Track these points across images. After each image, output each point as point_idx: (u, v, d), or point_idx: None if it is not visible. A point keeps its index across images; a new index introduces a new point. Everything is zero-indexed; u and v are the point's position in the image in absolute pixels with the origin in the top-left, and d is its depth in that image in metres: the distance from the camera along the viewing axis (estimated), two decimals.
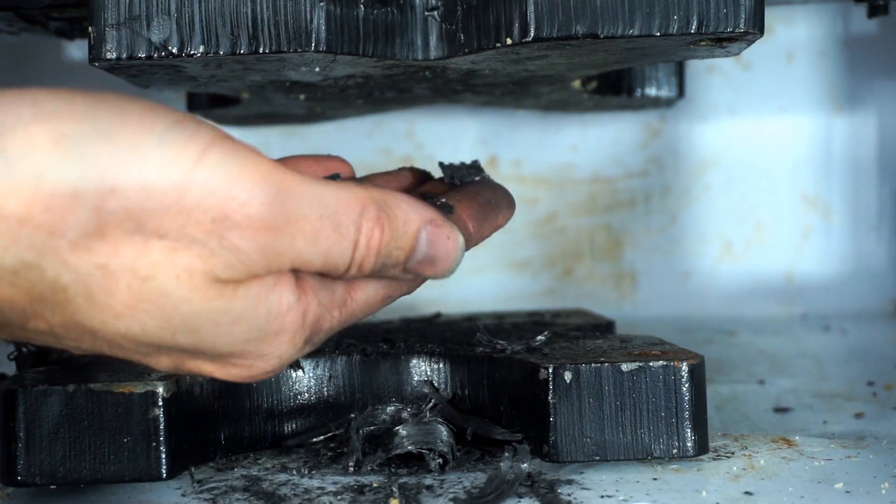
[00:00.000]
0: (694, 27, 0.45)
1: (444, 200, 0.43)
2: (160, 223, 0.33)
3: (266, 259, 0.35)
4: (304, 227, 0.35)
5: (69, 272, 0.33)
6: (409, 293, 0.41)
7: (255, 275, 0.35)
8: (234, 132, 0.39)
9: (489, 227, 0.45)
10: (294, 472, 0.48)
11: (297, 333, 0.37)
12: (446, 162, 0.50)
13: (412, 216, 0.38)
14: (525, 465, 0.45)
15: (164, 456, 0.45)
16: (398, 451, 0.47)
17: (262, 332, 0.36)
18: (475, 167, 0.50)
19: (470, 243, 0.43)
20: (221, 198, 0.33)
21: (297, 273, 0.37)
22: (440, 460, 0.47)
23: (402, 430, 0.48)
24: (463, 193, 0.45)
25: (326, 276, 0.37)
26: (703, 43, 0.47)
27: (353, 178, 0.47)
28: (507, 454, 0.46)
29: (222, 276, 0.34)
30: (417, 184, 0.50)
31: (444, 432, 0.48)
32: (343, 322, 0.39)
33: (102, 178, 0.32)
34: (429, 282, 0.41)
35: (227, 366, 0.37)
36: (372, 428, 0.50)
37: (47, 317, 0.34)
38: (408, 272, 0.39)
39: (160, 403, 0.45)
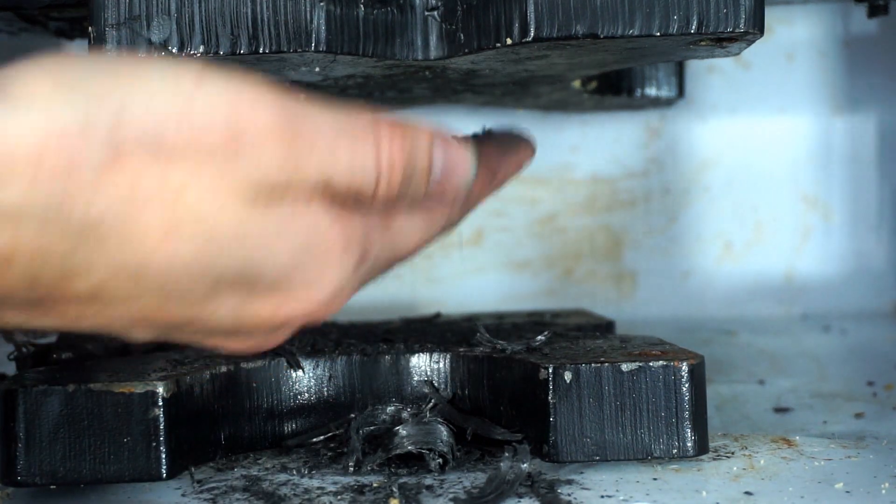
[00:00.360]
0: (694, 27, 0.45)
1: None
2: (175, 144, 0.33)
3: (287, 172, 0.34)
4: (320, 140, 0.35)
5: (96, 206, 0.32)
6: (444, 229, 0.41)
7: (281, 190, 0.34)
8: None
9: (512, 164, 0.45)
10: (294, 472, 0.48)
11: (345, 254, 0.36)
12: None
13: (420, 131, 0.38)
14: (525, 465, 0.45)
15: (164, 456, 0.45)
16: (398, 451, 0.47)
17: (307, 252, 0.35)
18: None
19: (495, 181, 0.43)
20: (228, 112, 0.33)
21: (330, 194, 0.36)
22: (440, 460, 0.47)
23: (402, 430, 0.48)
24: (478, 138, 0.45)
25: (360, 200, 0.37)
26: (703, 43, 0.47)
27: None
28: (507, 454, 0.46)
29: (249, 192, 0.34)
30: None
31: (444, 432, 0.48)
32: (388, 249, 0.39)
33: (109, 110, 0.32)
34: (429, 282, 0.41)
35: (287, 299, 0.36)
36: (372, 428, 0.50)
37: (85, 268, 0.32)
38: (431, 195, 0.38)
39: (160, 403, 0.45)
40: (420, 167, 0.37)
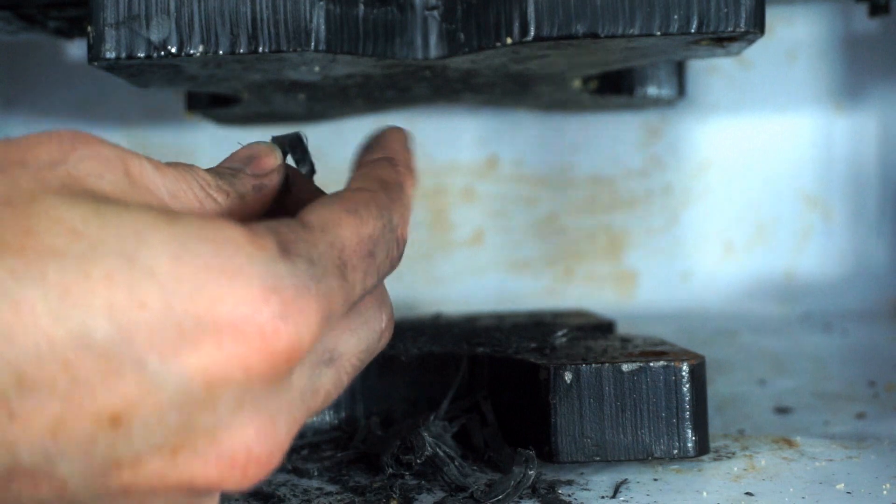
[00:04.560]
0: (694, 27, 0.45)
1: None
2: None
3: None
4: None
5: None
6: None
7: None
8: (235, 132, 0.39)
9: (401, 150, 0.41)
10: (294, 473, 0.48)
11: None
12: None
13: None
14: (532, 472, 0.45)
15: None
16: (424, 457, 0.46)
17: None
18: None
19: (411, 180, 0.40)
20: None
21: None
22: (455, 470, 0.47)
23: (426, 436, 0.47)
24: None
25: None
26: (703, 43, 0.46)
27: None
28: (515, 460, 0.46)
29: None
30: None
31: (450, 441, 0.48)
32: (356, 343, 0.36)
33: None
34: (429, 282, 0.41)
35: (175, 460, 0.30)
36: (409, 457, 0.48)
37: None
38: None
39: None
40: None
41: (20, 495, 0.29)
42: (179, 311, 0.29)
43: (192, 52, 0.45)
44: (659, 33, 0.45)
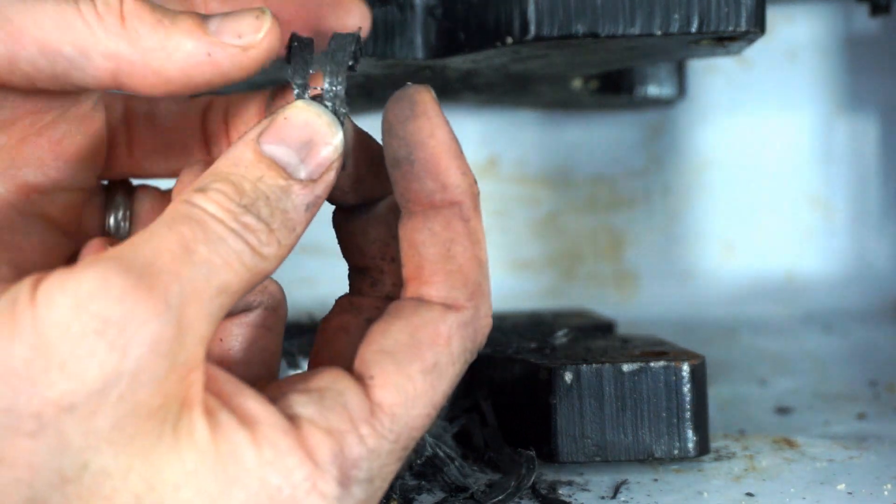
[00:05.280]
0: (695, 26, 0.45)
1: None
2: None
3: None
4: None
5: None
6: None
7: None
8: None
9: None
10: None
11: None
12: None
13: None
14: (532, 472, 0.45)
15: None
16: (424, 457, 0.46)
17: None
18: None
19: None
20: None
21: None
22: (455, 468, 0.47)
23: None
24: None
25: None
26: (704, 42, 0.46)
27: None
28: (517, 462, 0.46)
29: None
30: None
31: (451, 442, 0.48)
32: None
33: None
34: None
35: None
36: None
37: None
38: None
39: None
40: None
41: None
42: None
43: None
44: (659, 33, 0.44)
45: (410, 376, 0.32)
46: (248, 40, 0.34)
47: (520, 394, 0.48)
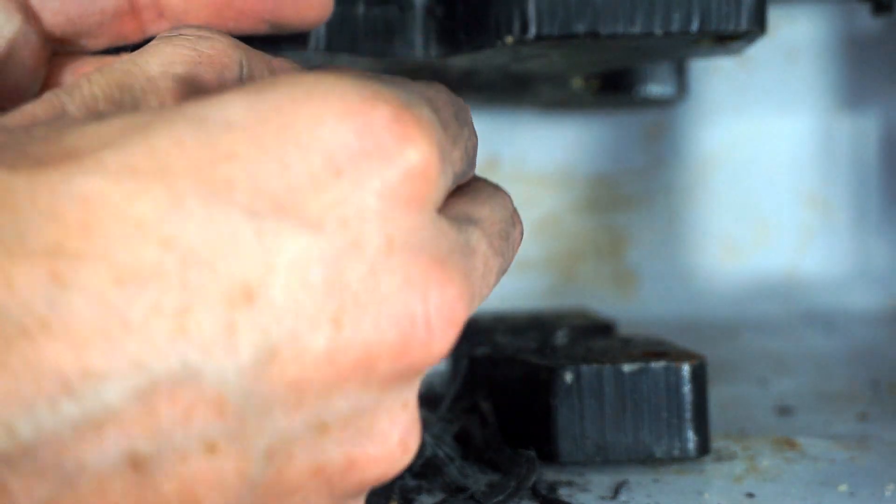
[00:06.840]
0: (695, 26, 0.45)
1: None
2: None
3: None
4: None
5: None
6: None
7: None
8: None
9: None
10: None
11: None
12: None
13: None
14: (533, 473, 0.44)
15: None
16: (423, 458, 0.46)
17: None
18: None
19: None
20: None
21: None
22: (455, 469, 0.47)
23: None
24: None
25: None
26: (704, 42, 0.46)
27: None
28: (516, 463, 0.46)
29: None
30: None
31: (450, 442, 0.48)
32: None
33: None
34: None
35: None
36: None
37: None
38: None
39: None
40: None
41: (172, 431, 0.23)
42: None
43: None
44: (660, 32, 0.44)
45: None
46: None
47: (520, 394, 0.48)
